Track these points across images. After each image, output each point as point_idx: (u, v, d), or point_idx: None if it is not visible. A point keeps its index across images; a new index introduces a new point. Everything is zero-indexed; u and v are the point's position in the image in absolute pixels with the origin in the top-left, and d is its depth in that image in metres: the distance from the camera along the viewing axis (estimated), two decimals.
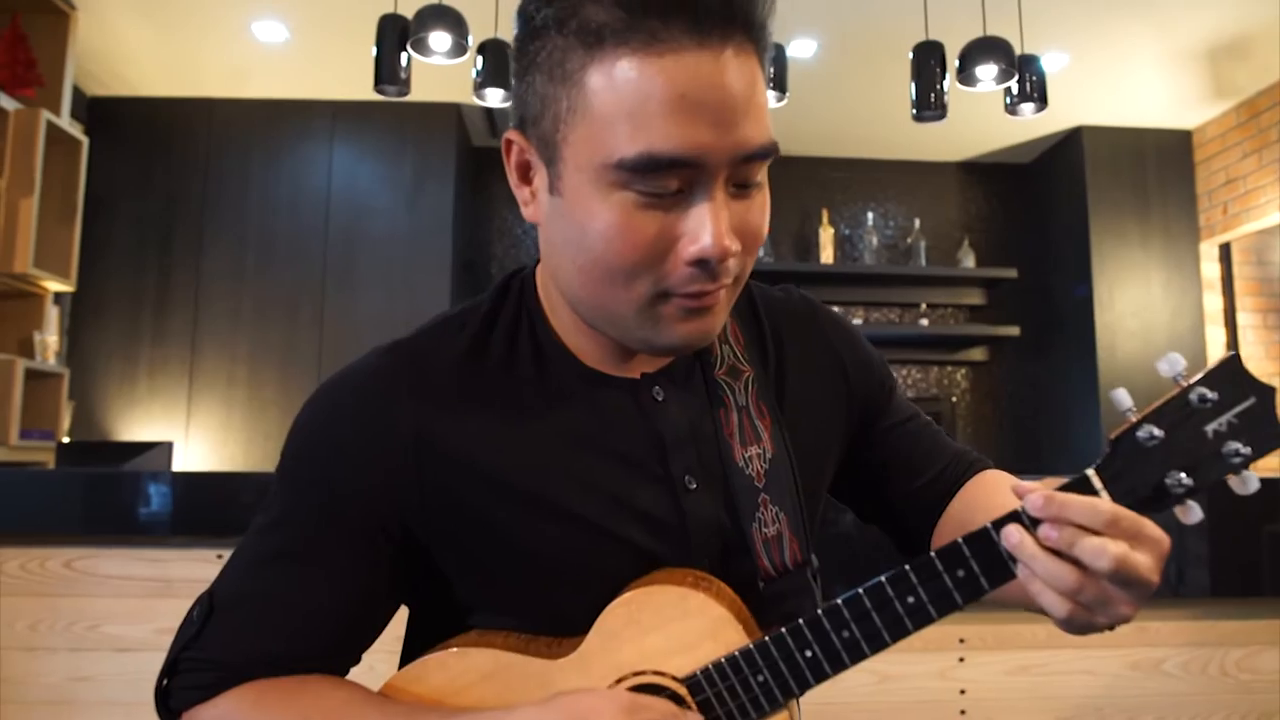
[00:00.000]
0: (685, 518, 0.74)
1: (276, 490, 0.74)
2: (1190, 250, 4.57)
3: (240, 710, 0.70)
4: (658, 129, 0.60)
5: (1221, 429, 0.61)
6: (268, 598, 0.72)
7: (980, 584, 0.63)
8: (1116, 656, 2.10)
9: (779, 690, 0.68)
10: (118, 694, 1.98)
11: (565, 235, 0.67)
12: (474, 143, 4.90)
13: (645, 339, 0.69)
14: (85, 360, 4.15)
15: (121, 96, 4.31)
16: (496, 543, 0.72)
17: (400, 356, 0.75)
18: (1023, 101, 2.50)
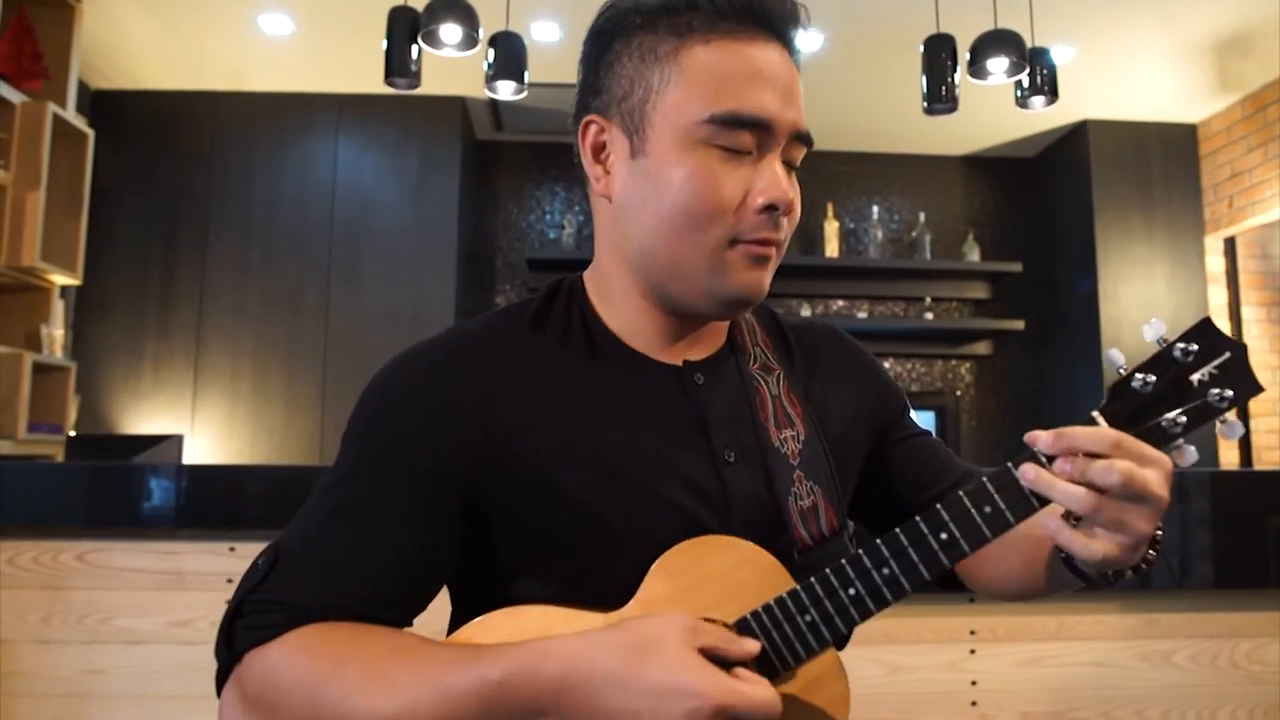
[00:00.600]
0: (726, 486, 0.80)
1: (345, 450, 0.79)
2: (1195, 244, 4.57)
3: (305, 648, 0.71)
4: (740, 94, 0.75)
5: (1204, 378, 0.70)
6: (336, 546, 0.75)
7: (1006, 518, 0.69)
8: (1126, 648, 2.10)
9: (826, 629, 0.72)
10: (130, 687, 1.99)
11: (646, 192, 0.78)
12: (479, 136, 4.89)
13: (709, 288, 0.78)
14: (90, 354, 4.15)
15: (125, 90, 4.30)
16: (552, 501, 0.76)
17: (467, 332, 0.82)
18: (1034, 94, 2.50)
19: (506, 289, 4.95)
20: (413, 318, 4.26)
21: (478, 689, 0.67)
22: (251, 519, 2.03)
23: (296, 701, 0.70)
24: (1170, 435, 0.70)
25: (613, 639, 0.68)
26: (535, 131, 4.85)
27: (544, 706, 0.67)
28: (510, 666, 0.68)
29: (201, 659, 1.99)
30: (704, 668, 0.66)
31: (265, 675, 0.71)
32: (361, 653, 0.71)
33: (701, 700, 0.64)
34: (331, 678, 0.69)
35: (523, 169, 5.00)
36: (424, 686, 0.68)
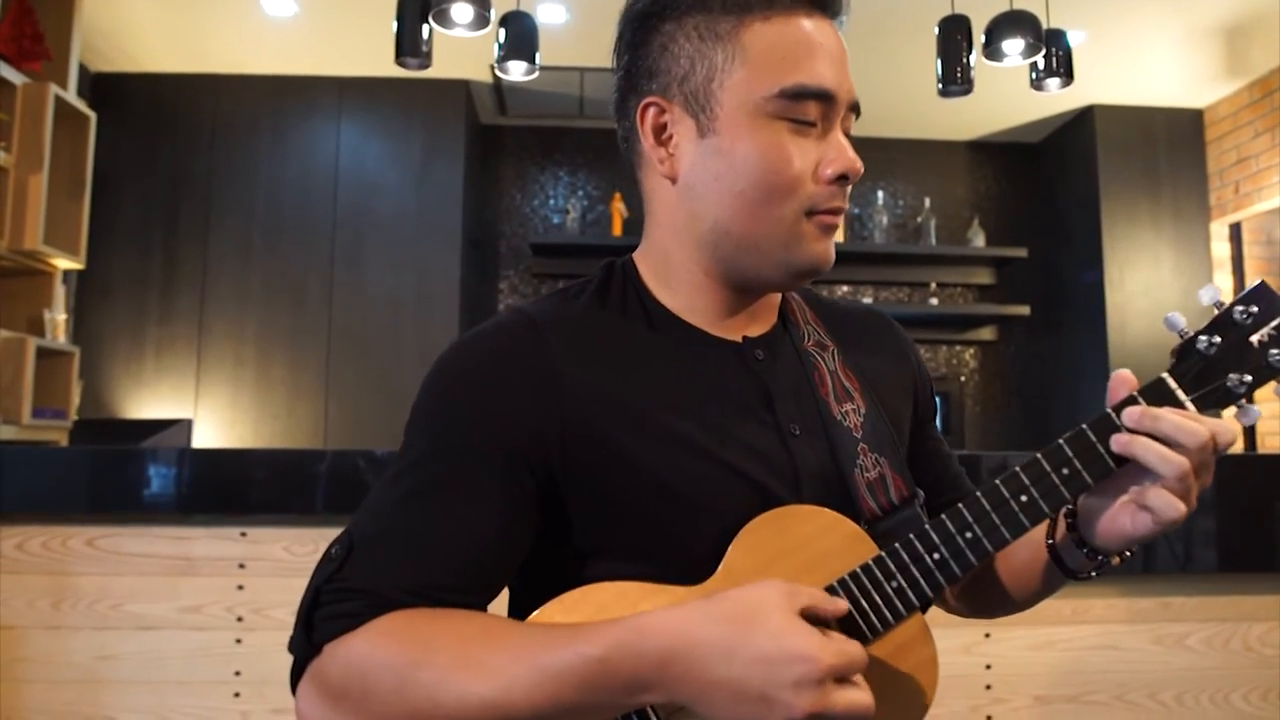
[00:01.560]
0: (794, 459, 0.80)
1: (415, 435, 0.78)
2: (1201, 230, 4.57)
3: (391, 635, 0.69)
4: (803, 67, 0.77)
5: (1264, 339, 0.72)
6: (413, 530, 0.73)
7: (1084, 479, 0.72)
8: (1140, 632, 2.10)
9: (912, 593, 0.73)
10: (142, 673, 1.98)
11: (719, 170, 0.79)
12: (482, 121, 4.86)
13: (783, 260, 0.80)
14: (92, 340, 4.12)
15: (126, 73, 4.26)
16: (627, 477, 0.76)
17: (528, 314, 0.81)
18: (1049, 77, 2.48)
19: (510, 275, 4.93)
20: (417, 304, 4.23)
21: (578, 666, 0.66)
22: (263, 504, 2.01)
23: (386, 690, 0.68)
24: (1235, 395, 0.72)
25: (715, 609, 0.67)
26: (539, 115, 4.82)
27: (647, 681, 0.67)
28: (611, 642, 0.67)
29: (214, 644, 1.98)
30: (811, 632, 0.66)
31: (350, 665, 0.69)
32: (450, 637, 0.69)
33: (813, 665, 0.65)
34: (422, 664, 0.68)
35: (526, 153, 4.97)
36: (519, 667, 0.67)
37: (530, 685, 0.66)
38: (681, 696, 0.67)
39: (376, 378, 4.20)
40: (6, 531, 1.98)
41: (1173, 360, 0.73)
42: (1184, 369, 0.72)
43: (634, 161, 0.86)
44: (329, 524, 1.99)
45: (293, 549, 2.02)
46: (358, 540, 0.73)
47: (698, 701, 0.67)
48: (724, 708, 0.66)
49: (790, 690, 0.65)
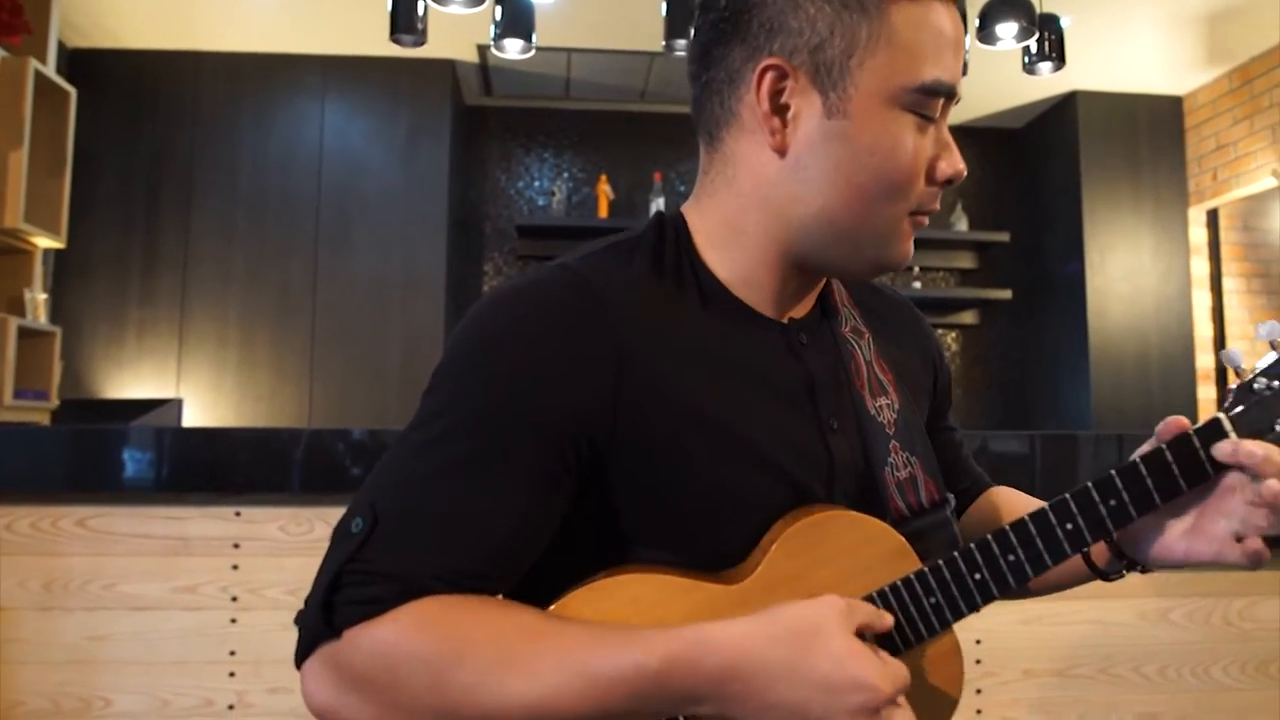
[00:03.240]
0: (832, 455, 0.78)
1: (448, 399, 0.71)
2: (1179, 216, 4.63)
3: (425, 626, 0.65)
4: (944, 62, 0.72)
5: None
6: (445, 510, 0.68)
7: (1129, 512, 0.72)
8: (1125, 606, 2.15)
9: (949, 610, 0.73)
10: (136, 653, 1.96)
11: (842, 156, 0.73)
12: (468, 101, 4.82)
13: (876, 255, 0.77)
14: (71, 320, 4.06)
15: (105, 49, 4.18)
16: (674, 467, 0.72)
17: (587, 274, 0.74)
18: (1041, 60, 2.50)
19: (495, 257, 4.90)
20: (402, 285, 4.21)
21: (632, 676, 0.64)
22: (258, 483, 2.00)
23: (418, 685, 0.64)
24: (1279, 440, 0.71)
25: (775, 627, 0.66)
26: (525, 96, 4.79)
27: (703, 696, 0.65)
28: (669, 654, 0.64)
29: (209, 624, 1.97)
30: (871, 659, 0.66)
31: (376, 655, 0.65)
32: (491, 633, 0.65)
33: (874, 694, 0.64)
34: (461, 661, 0.64)
35: (511, 135, 4.94)
36: (568, 672, 0.64)
37: (579, 691, 0.64)
38: (735, 713, 0.66)
39: (361, 359, 4.18)
40: None
41: (1230, 399, 0.73)
42: (1241, 413, 0.71)
43: (716, 115, 0.78)
44: (324, 503, 1.99)
45: (288, 528, 2.01)
46: (382, 516, 0.67)
47: (754, 718, 0.66)
48: None
49: (847, 717, 0.64)
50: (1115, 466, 0.73)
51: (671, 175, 4.91)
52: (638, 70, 4.42)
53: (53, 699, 1.96)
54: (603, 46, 4.15)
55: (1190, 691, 2.16)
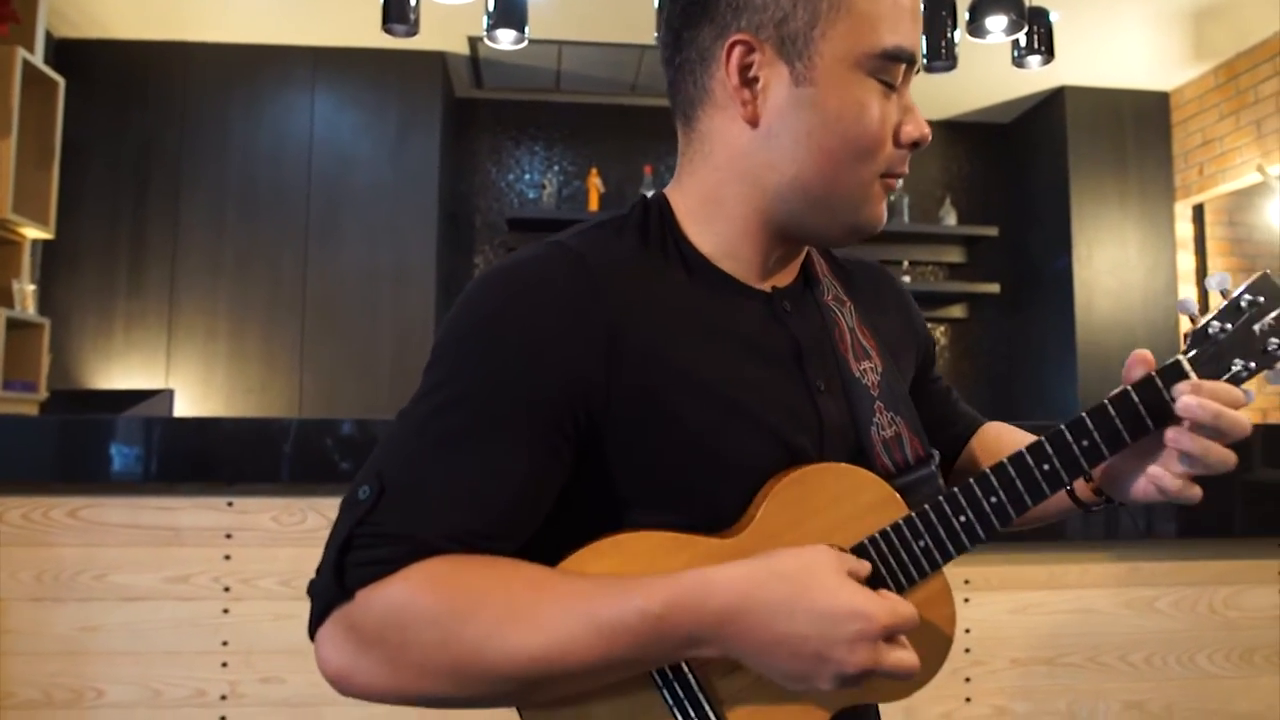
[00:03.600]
0: (820, 415, 0.81)
1: (448, 371, 0.74)
2: (1165, 210, 4.67)
3: (433, 584, 0.67)
4: (902, 28, 0.76)
5: (1264, 328, 0.76)
6: (450, 475, 0.70)
7: (1102, 451, 0.76)
8: (1111, 595, 2.17)
9: (938, 553, 0.76)
10: (128, 644, 1.96)
11: (811, 123, 0.76)
12: (458, 94, 4.81)
13: (851, 219, 0.80)
14: (59, 312, 4.03)
15: (92, 39, 4.15)
16: (669, 430, 0.75)
17: (579, 248, 0.77)
18: (1030, 54, 2.52)
19: (485, 249, 4.90)
20: (393, 278, 4.20)
21: (635, 622, 0.66)
22: (252, 473, 2.00)
23: (428, 641, 0.66)
24: (1239, 380, 0.76)
25: (773, 568, 0.69)
26: (516, 89, 4.78)
27: (705, 637, 0.67)
28: (670, 598, 0.67)
29: (201, 614, 1.97)
30: (867, 592, 0.69)
31: (388, 613, 0.66)
32: (497, 588, 0.68)
33: (870, 622, 0.67)
34: (468, 617, 0.66)
35: (502, 127, 4.94)
36: (572, 620, 0.66)
37: (584, 640, 0.66)
38: (737, 651, 0.68)
39: (352, 352, 4.17)
40: None
41: (1186, 343, 0.77)
42: (1198, 355, 0.75)
43: (690, 95, 0.80)
44: (317, 493, 1.99)
45: (280, 519, 2.01)
46: (389, 483, 0.69)
47: (756, 656, 0.68)
48: (782, 662, 0.68)
49: (845, 647, 0.67)
50: (1090, 410, 0.77)
51: (662, 169, 4.92)
52: (628, 63, 4.42)
53: (44, 690, 1.96)
54: (593, 39, 4.15)
55: (1176, 679, 2.19)
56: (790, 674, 0.68)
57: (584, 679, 0.68)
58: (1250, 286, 0.76)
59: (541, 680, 0.67)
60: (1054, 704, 2.14)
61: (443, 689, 0.67)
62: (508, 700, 0.70)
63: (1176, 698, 2.16)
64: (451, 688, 0.67)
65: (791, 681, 0.69)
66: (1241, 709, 2.16)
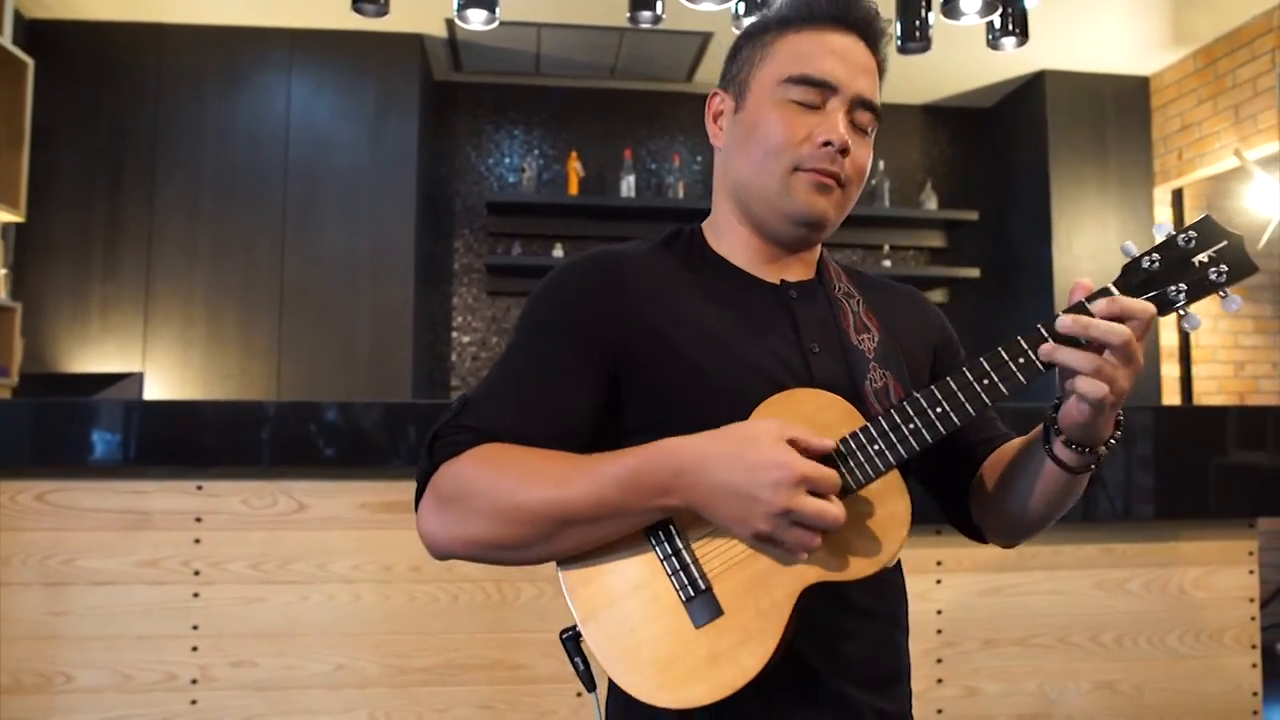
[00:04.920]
0: (811, 368, 1.00)
1: (523, 327, 1.02)
2: (1145, 195, 4.68)
3: (487, 456, 0.93)
4: (811, 63, 1.01)
5: (1205, 260, 0.86)
6: (513, 390, 0.99)
7: (1037, 367, 0.88)
8: (1083, 577, 2.19)
9: (890, 454, 0.90)
10: (97, 628, 1.95)
11: (742, 136, 1.04)
12: (437, 77, 4.77)
13: (780, 206, 1.02)
14: (33, 296, 3.99)
15: (64, 20, 4.09)
16: (670, 364, 0.97)
17: (619, 249, 1.05)
18: (1004, 36, 2.51)
19: (465, 233, 4.87)
20: (371, 261, 4.17)
21: (619, 472, 0.89)
22: (220, 456, 1.99)
23: (479, 492, 0.91)
24: (1173, 302, 0.86)
25: (722, 435, 0.88)
26: (495, 72, 4.75)
27: (668, 486, 0.88)
28: (643, 455, 0.89)
29: (171, 598, 1.96)
30: (791, 450, 0.85)
31: (456, 478, 0.93)
32: (529, 458, 0.93)
33: (787, 470, 0.83)
34: (506, 473, 0.91)
35: (481, 110, 4.90)
36: (577, 473, 0.90)
37: (583, 485, 0.89)
38: (693, 500, 0.88)
39: (330, 336, 4.14)
40: None
41: (1120, 274, 0.88)
42: (1127, 280, 0.88)
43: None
44: (287, 476, 1.98)
45: (250, 502, 2.00)
46: (471, 398, 0.98)
47: (705, 503, 0.87)
48: (723, 505, 0.86)
49: (769, 489, 0.83)
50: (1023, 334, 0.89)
51: (642, 153, 4.90)
52: (608, 47, 4.39)
53: (13, 675, 1.95)
54: (572, 21, 4.12)
55: (1146, 659, 2.21)
56: (731, 516, 0.86)
57: (590, 523, 0.90)
58: (1190, 226, 0.87)
59: (560, 518, 0.89)
60: (1025, 685, 2.16)
61: (493, 531, 0.91)
62: (543, 546, 0.91)
63: (1147, 678, 2.19)
64: (497, 529, 0.91)
65: (735, 525, 0.87)
66: (1212, 689, 2.19)
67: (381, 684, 2.00)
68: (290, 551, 2.02)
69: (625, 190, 4.70)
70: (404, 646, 2.00)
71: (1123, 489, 2.17)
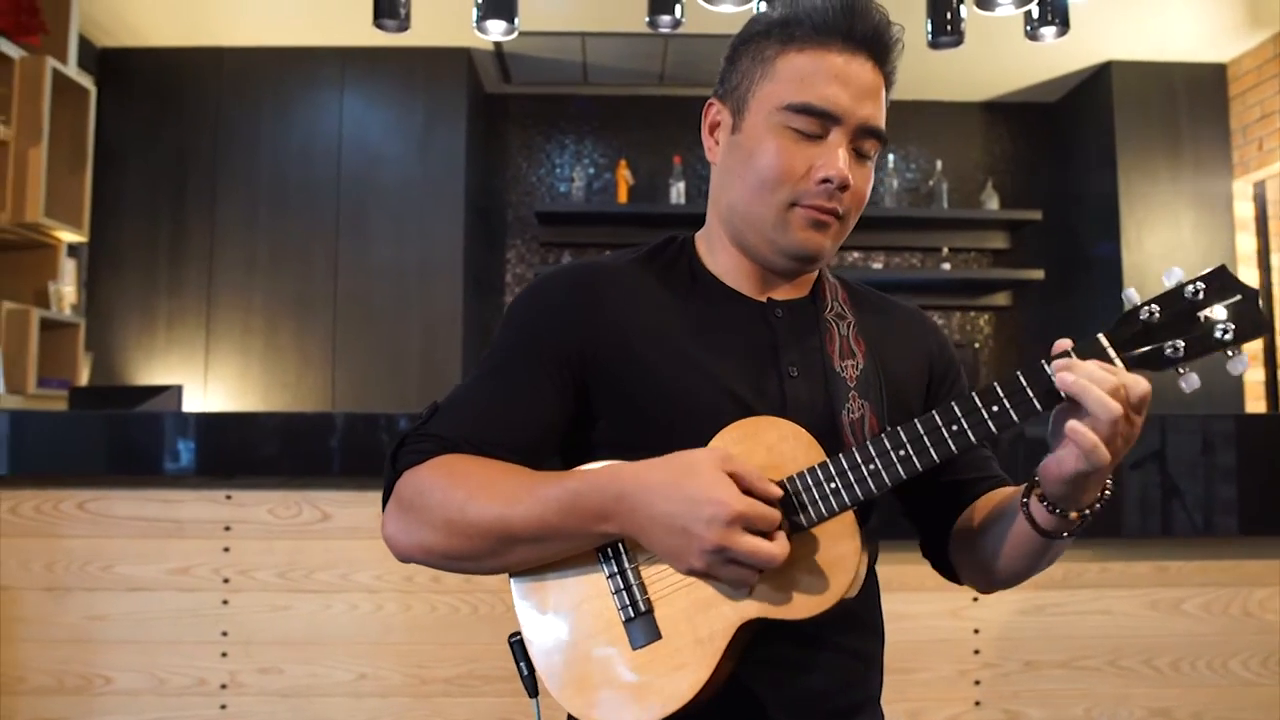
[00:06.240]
0: (785, 394, 0.97)
1: (499, 337, 1.02)
2: (1223, 189, 4.43)
3: (444, 467, 0.94)
4: (814, 89, 0.94)
5: (1211, 315, 0.80)
6: (480, 400, 0.99)
7: (1010, 416, 0.83)
8: (1134, 596, 2.06)
9: (846, 494, 0.87)
10: (132, 632, 2.01)
11: (737, 160, 0.99)
12: (488, 90, 4.83)
13: (774, 239, 0.97)
14: (104, 311, 4.18)
15: (131, 47, 4.29)
16: (640, 383, 0.96)
17: (593, 260, 1.04)
18: (1043, 26, 2.40)
19: (517, 243, 4.91)
20: (420, 272, 4.24)
21: (560, 495, 0.89)
22: (250, 466, 2.03)
23: (434, 503, 0.92)
24: (1169, 360, 0.80)
25: (664, 463, 0.87)
26: (543, 83, 4.78)
27: (608, 512, 0.87)
28: (585, 479, 0.89)
29: (202, 605, 2.01)
30: (730, 486, 0.83)
31: (415, 486, 0.94)
32: (483, 471, 0.93)
33: (722, 508, 0.82)
34: (459, 486, 0.91)
35: (531, 121, 4.94)
36: (523, 492, 0.90)
37: (527, 506, 0.89)
38: (631, 529, 0.87)
39: (382, 345, 4.22)
40: (1, 495, 2.02)
41: (1113, 324, 0.83)
42: (1121, 332, 0.82)
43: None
44: (313, 486, 2.01)
45: (276, 511, 2.04)
46: (442, 404, 0.99)
47: (642, 533, 0.87)
48: (660, 537, 0.86)
49: (704, 525, 0.82)
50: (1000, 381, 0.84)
51: (691, 158, 4.86)
52: (654, 54, 4.37)
53: (56, 676, 2.02)
54: (616, 29, 4.11)
55: (1206, 686, 2.07)
56: (669, 549, 0.85)
57: (534, 542, 0.90)
58: (1203, 275, 0.80)
59: (504, 535, 0.90)
60: (1071, 709, 2.05)
61: (444, 542, 0.92)
62: (491, 558, 0.92)
63: (1207, 705, 2.05)
64: (447, 540, 0.92)
65: (672, 558, 0.86)
66: None
67: (404, 693, 2.01)
68: (315, 561, 2.05)
69: (675, 197, 4.67)
70: (425, 656, 2.01)
71: (1202, 502, 2.04)
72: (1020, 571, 0.96)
